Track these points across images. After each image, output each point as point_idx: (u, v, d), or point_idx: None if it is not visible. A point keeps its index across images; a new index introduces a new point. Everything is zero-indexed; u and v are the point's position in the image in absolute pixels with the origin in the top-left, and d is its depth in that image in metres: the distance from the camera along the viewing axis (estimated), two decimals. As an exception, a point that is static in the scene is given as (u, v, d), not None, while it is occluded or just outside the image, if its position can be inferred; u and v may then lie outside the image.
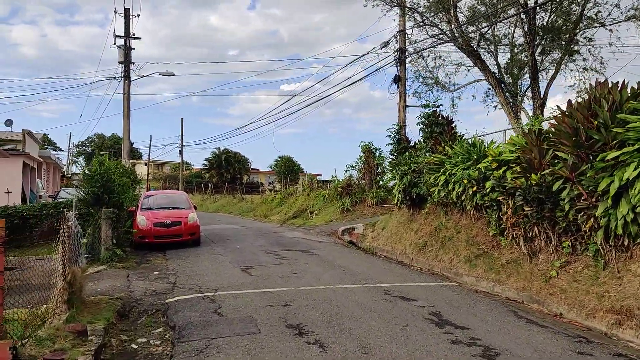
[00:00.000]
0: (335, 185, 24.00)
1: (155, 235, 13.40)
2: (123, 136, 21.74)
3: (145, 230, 13.36)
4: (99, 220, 10.92)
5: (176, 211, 14.30)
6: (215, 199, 42.15)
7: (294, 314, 6.58)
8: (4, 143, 25.69)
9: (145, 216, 13.66)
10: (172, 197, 15.70)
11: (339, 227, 18.77)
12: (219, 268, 10.36)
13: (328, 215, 22.89)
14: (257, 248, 13.52)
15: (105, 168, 11.05)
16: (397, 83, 15.50)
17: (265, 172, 76.82)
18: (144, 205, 14.43)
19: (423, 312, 6.67)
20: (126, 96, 21.62)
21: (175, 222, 13.65)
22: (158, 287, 8.50)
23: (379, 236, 15.36)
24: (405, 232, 13.79)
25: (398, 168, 13.64)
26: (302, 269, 10.13)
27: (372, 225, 16.60)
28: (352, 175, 24.10)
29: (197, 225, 14.09)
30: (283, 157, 69.76)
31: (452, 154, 11.52)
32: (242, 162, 66.57)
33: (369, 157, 23.18)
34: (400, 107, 15.57)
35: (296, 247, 13.65)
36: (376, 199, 21.97)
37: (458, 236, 11.17)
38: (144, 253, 12.94)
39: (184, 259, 11.71)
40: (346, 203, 22.32)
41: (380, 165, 23.29)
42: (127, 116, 21.63)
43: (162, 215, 13.87)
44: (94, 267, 10.48)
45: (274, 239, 15.62)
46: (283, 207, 28.22)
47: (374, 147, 23.43)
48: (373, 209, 21.86)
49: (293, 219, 24.94)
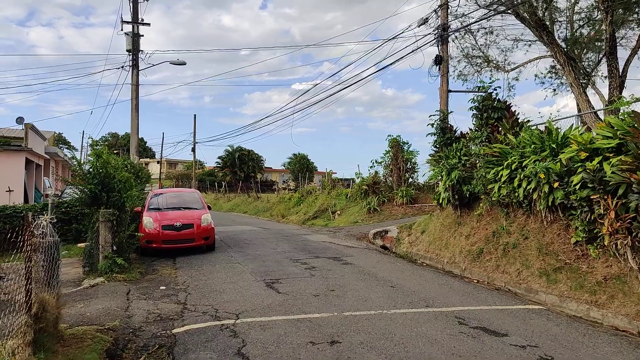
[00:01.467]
0: (360, 183, 22.10)
1: (163, 239, 11.65)
2: (131, 130, 20.08)
3: (153, 233, 11.62)
4: (97, 223, 9.18)
5: (188, 212, 12.53)
6: (229, 197, 40.50)
7: (347, 358, 4.73)
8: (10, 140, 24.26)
9: (153, 218, 11.91)
10: (184, 196, 13.93)
11: (367, 229, 16.88)
12: (238, 282, 8.55)
13: (352, 215, 21.02)
14: (281, 255, 11.69)
15: (103, 162, 9.30)
16: (439, 65, 13.54)
17: (279, 171, 75.17)
18: (152, 205, 12.69)
19: (529, 358, 4.76)
20: (134, 87, 19.94)
21: (186, 224, 11.89)
22: (164, 310, 6.70)
23: (418, 241, 13.45)
24: (453, 236, 11.86)
25: (444, 162, 11.71)
26: (340, 284, 8.27)
27: (408, 228, 14.68)
28: (378, 172, 22.20)
29: (211, 228, 12.31)
30: (297, 155, 68.06)
31: (518, 144, 9.57)
32: (255, 160, 64.97)
33: (397, 152, 21.23)
34: (442, 92, 13.61)
35: (326, 254, 11.80)
36: (406, 198, 20.03)
37: (526, 243, 9.23)
38: (150, 260, 11.19)
39: (197, 269, 9.93)
40: (372, 202, 20.41)
41: (410, 161, 21.34)
42: (135, 108, 19.96)
43: (171, 216, 12.11)
44: (90, 280, 8.74)
45: (299, 244, 13.79)
46: (302, 206, 26.41)
47: (403, 140, 21.49)
48: (403, 209, 19.93)
49: (313, 219, 23.12)
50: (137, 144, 20.01)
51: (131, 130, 20.01)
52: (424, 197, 20.68)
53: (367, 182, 21.25)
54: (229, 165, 62.28)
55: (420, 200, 20.51)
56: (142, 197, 13.87)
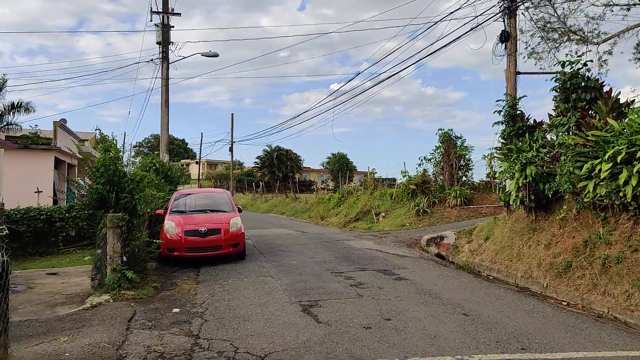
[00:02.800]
0: (407, 181, 20.13)
1: (186, 246, 10.17)
2: (161, 127, 18.92)
3: (174, 240, 10.17)
4: (104, 229, 7.76)
5: (215, 215, 11.03)
6: (267, 198, 39.26)
7: None
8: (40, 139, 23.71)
9: (175, 222, 10.47)
10: (211, 197, 12.46)
11: (418, 234, 14.95)
12: (268, 304, 6.89)
13: (399, 218, 19.09)
14: (321, 266, 9.99)
15: (112, 157, 7.87)
16: (505, 42, 11.48)
17: (318, 170, 73.75)
18: (175, 207, 11.26)
19: None
20: (164, 80, 18.76)
21: (213, 229, 10.37)
22: (169, 347, 5.11)
23: (481, 249, 11.45)
24: (526, 245, 9.84)
25: (517, 156, 9.68)
26: (397, 309, 6.46)
27: (468, 234, 12.66)
28: (427, 170, 20.15)
29: (241, 234, 10.75)
30: (336, 154, 66.41)
31: (622, 130, 7.48)
32: (294, 160, 63.71)
33: (449, 147, 19.14)
34: (509, 74, 11.54)
35: (373, 266, 10.00)
36: (460, 199, 17.93)
37: (636, 257, 7.14)
38: (171, 271, 9.74)
39: (222, 283, 8.36)
40: (422, 204, 18.42)
41: (464, 157, 19.20)
42: (165, 104, 18.79)
43: (196, 220, 10.63)
44: (94, 297, 7.32)
45: (340, 251, 12.04)
46: (342, 207, 24.66)
47: (455, 135, 19.37)
48: (456, 211, 17.85)
49: (355, 222, 21.33)
50: (167, 141, 18.83)
51: (161, 126, 18.85)
52: (480, 198, 18.52)
53: (415, 181, 19.26)
54: (267, 165, 61.33)
55: (476, 201, 18.35)
56: (167, 198, 12.54)
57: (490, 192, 18.73)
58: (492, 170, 18.97)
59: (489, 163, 18.80)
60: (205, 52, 19.46)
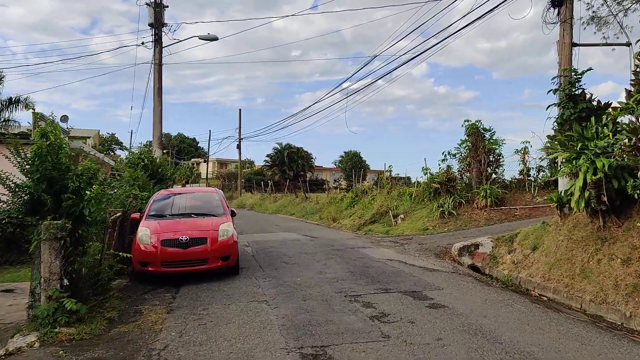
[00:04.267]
0: (429, 180, 17.93)
1: (163, 260, 8.14)
2: (153, 118, 16.96)
3: (148, 251, 8.14)
4: (38, 243, 5.75)
5: (201, 220, 8.98)
6: (276, 198, 37.21)
7: None
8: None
9: (151, 228, 8.44)
10: (199, 197, 10.41)
11: (445, 240, 12.79)
12: (255, 351, 4.82)
13: (420, 220, 16.91)
14: (331, 285, 7.88)
15: (51, 145, 5.87)
16: (558, 7, 9.27)
17: (330, 169, 71.62)
18: (153, 210, 9.24)
19: None
20: (157, 66, 16.80)
21: (197, 238, 8.33)
22: None
23: (528, 261, 9.28)
24: (593, 259, 7.70)
25: (584, 145, 7.49)
26: (443, 367, 4.35)
27: (508, 242, 10.48)
28: (451, 166, 17.92)
29: (233, 244, 8.69)
30: (349, 152, 64.30)
31: None
32: (305, 158, 61.64)
33: (476, 140, 16.89)
34: (563, 46, 9.32)
35: (398, 284, 7.86)
36: (490, 199, 15.68)
37: None
38: (143, 291, 7.73)
39: (199, 313, 6.31)
40: (447, 204, 16.20)
41: (493, 152, 16.93)
42: (158, 92, 16.82)
43: (177, 226, 8.60)
44: (18, 339, 5.31)
45: (356, 264, 9.91)
46: (356, 208, 22.52)
47: (484, 127, 17.12)
48: (486, 213, 15.61)
49: (370, 224, 19.18)
50: (160, 134, 16.86)
51: (153, 117, 16.89)
52: (512, 198, 16.25)
53: (439, 178, 17.02)
54: (277, 163, 59.36)
55: (508, 201, 16.09)
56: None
57: (523, 192, 16.46)
58: (526, 166, 16.73)
59: (522, 158, 16.55)
60: (204, 35, 17.45)
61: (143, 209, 9.53)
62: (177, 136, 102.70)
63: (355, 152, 63.64)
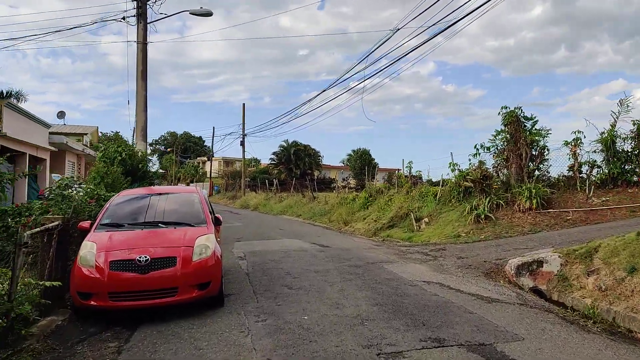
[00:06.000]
0: (458, 177, 15.36)
1: (113, 290, 5.65)
2: (137, 105, 14.49)
3: (92, 277, 5.67)
4: None
5: (172, 232, 6.48)
6: (281, 197, 34.70)
7: None
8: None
9: (98, 244, 5.97)
10: (173, 200, 7.65)
11: (487, 253, 10.23)
12: None
13: (449, 225, 14.35)
14: (354, 330, 5.34)
15: None
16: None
17: (338, 167, 69.01)
18: (108, 217, 6.76)
19: None
20: (141, 45, 14.35)
21: (162, 258, 5.85)
22: None
23: (624, 288, 6.75)
24: None
25: None
26: None
27: (584, 258, 7.92)
28: (484, 161, 15.32)
29: (214, 264, 6.17)
30: (358, 150, 61.55)
31: None
32: (313, 156, 59.13)
33: (516, 131, 14.29)
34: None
35: (453, 329, 5.30)
36: (535, 200, 13.09)
37: None
38: (78, 337, 5.26)
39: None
40: (482, 206, 13.63)
41: (537, 145, 14.33)
42: (142, 75, 14.38)
43: (136, 241, 6.12)
44: None
45: (383, 289, 7.36)
46: (370, 210, 19.98)
47: (524, 115, 14.51)
48: (531, 217, 13.02)
49: (389, 229, 16.65)
50: (144, 124, 14.39)
51: (136, 105, 14.43)
52: (562, 199, 13.64)
53: (472, 176, 14.42)
54: (284, 161, 56.91)
55: (557, 203, 13.47)
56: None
57: (573, 191, 13.85)
58: (578, 161, 14.10)
59: (573, 151, 13.93)
60: (195, 10, 14.96)
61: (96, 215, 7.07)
62: (183, 135, 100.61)
63: (365, 150, 60.94)
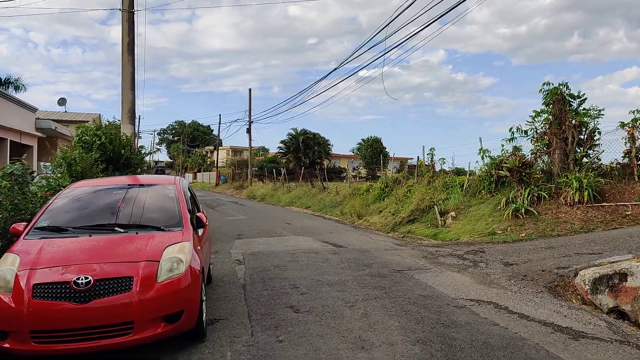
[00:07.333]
0: (489, 165, 13.40)
1: (37, 328, 3.87)
2: (122, 83, 12.64)
3: (8, 308, 3.89)
4: None
5: (130, 240, 4.65)
6: (290, 187, 32.87)
7: None
8: None
9: (23, 257, 4.20)
10: (140, 194, 5.64)
11: (538, 257, 8.29)
12: None
13: (481, 220, 12.43)
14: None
15: None
16: None
17: (348, 156, 66.97)
18: (47, 219, 4.97)
19: None
20: (126, 14, 12.47)
21: (109, 280, 4.04)
22: None
23: None
24: None
25: None
26: None
27: (685, 270, 5.96)
28: (520, 147, 13.32)
29: (188, 285, 4.34)
30: (369, 138, 59.47)
31: None
32: (322, 145, 57.06)
33: (561, 112, 12.26)
34: None
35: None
36: (587, 192, 11.10)
37: None
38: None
39: None
40: (520, 199, 11.68)
41: (585, 127, 12.30)
42: (128, 48, 12.52)
43: (76, 254, 4.32)
44: None
45: (421, 313, 5.51)
46: (386, 202, 18.09)
47: (571, 92, 12.45)
48: (582, 212, 11.05)
49: (409, 223, 14.78)
50: (131, 105, 12.57)
51: (122, 82, 12.59)
52: (617, 191, 11.62)
53: (509, 164, 12.42)
54: (292, 150, 54.97)
55: (611, 195, 11.47)
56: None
57: (630, 181, 11.82)
58: (635, 146, 12.04)
59: (631, 134, 11.87)
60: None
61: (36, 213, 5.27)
62: (192, 124, 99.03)
63: (376, 138, 58.85)
